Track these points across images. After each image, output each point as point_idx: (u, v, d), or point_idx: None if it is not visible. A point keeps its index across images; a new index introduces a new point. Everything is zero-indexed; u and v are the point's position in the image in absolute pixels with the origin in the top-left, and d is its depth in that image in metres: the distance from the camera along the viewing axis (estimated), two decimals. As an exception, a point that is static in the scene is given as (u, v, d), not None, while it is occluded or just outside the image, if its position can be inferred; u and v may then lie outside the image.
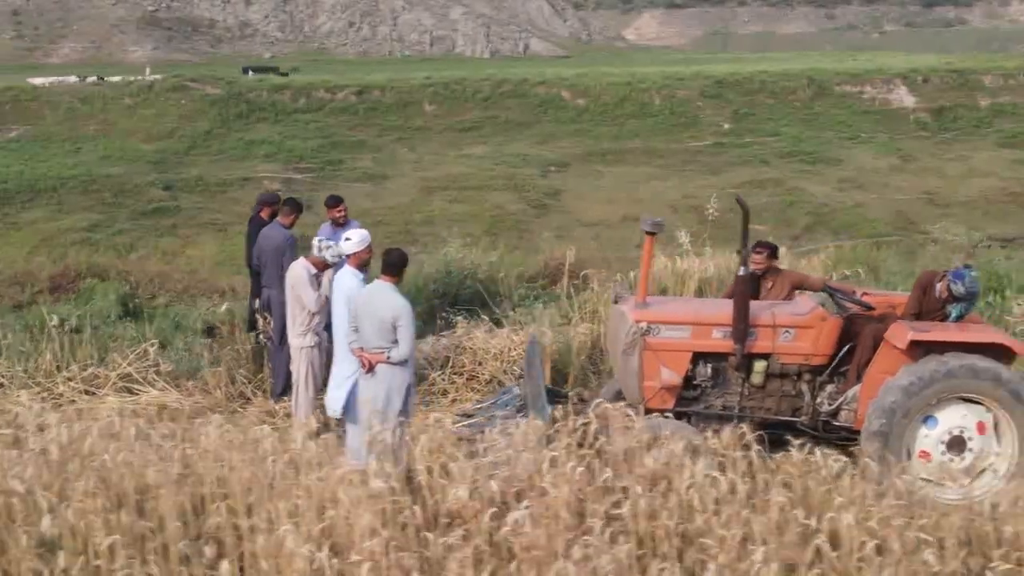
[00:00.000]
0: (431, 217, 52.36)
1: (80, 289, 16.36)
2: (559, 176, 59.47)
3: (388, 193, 56.04)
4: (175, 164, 59.24)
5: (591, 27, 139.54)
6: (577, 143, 64.42)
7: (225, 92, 68.03)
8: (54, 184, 53.75)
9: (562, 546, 7.52)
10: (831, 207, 54.69)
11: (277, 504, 8.17)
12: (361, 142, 63.92)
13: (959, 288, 10.75)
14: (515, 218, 53.29)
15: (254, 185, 56.72)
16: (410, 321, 10.86)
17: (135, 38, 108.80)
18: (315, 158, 60.73)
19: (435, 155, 62.39)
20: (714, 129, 66.88)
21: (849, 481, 8.69)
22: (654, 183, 57.76)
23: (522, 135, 65.79)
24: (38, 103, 66.66)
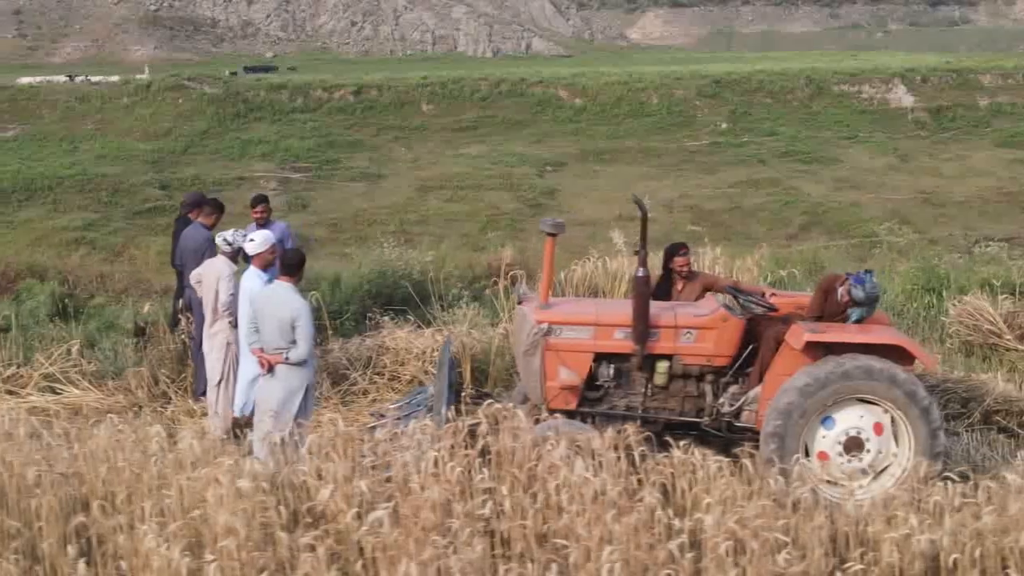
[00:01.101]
0: (426, 216, 52.49)
1: (17, 289, 16.46)
2: (555, 175, 59.54)
3: (384, 192, 56.19)
4: (171, 163, 59.39)
5: (594, 26, 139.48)
6: (574, 142, 64.48)
7: (222, 91, 68.21)
8: (50, 183, 53.96)
9: (414, 547, 7.55)
10: (826, 207, 54.65)
11: (143, 503, 8.22)
12: (358, 141, 64.06)
13: (859, 293, 10.74)
14: (510, 217, 53.34)
15: (250, 184, 56.83)
16: (308, 321, 10.88)
17: (137, 37, 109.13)
18: (312, 158, 60.85)
19: (432, 154, 62.50)
20: (711, 128, 66.91)
21: (723, 481, 8.71)
22: (650, 182, 57.61)
23: (519, 134, 65.86)
24: (35, 102, 66.94)
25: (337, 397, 13.06)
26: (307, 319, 10.91)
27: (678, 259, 12.52)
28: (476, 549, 7.60)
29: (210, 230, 13.68)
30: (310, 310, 10.96)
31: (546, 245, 11.05)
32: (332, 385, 13.26)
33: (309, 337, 10.94)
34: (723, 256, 17.04)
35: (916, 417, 10.35)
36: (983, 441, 12.43)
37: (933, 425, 10.36)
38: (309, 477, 8.59)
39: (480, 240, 48.44)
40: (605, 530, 7.91)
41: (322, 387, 13.06)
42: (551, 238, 11.03)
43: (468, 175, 58.23)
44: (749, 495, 8.64)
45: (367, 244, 33.82)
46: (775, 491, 8.85)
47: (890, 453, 10.55)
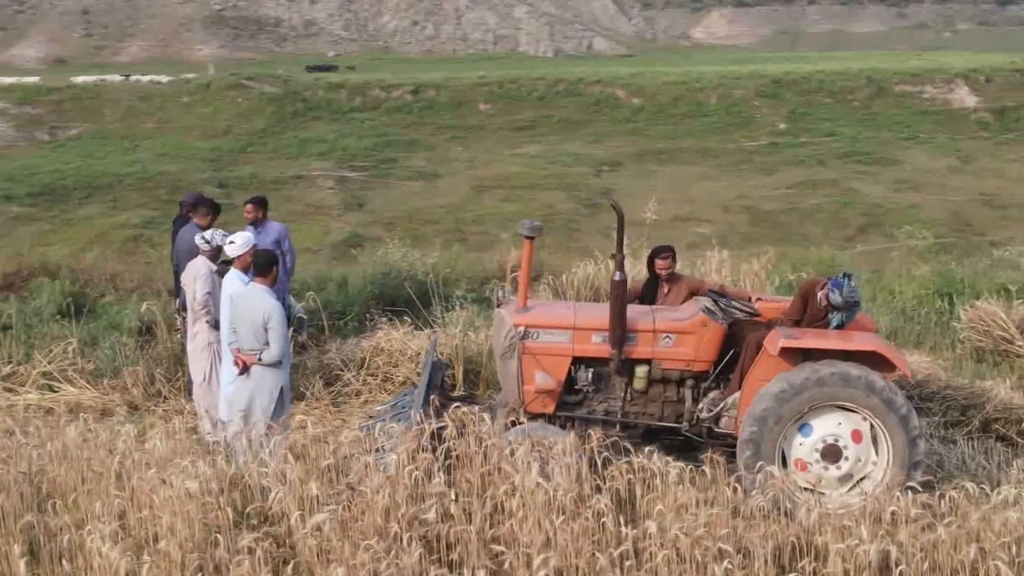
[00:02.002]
0: (481, 216, 52.52)
1: (30, 287, 16.64)
2: (612, 175, 59.34)
3: (440, 192, 56.27)
4: (230, 162, 59.91)
5: (656, 26, 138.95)
6: (631, 142, 64.25)
7: (282, 90, 68.68)
8: (111, 181, 54.64)
9: (349, 551, 7.55)
10: (885, 208, 53.99)
11: (95, 503, 8.29)
12: (415, 141, 64.23)
13: (836, 297, 10.57)
14: (565, 217, 53.24)
15: (307, 183, 57.36)
16: (280, 323, 10.90)
17: (201, 36, 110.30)
18: (369, 157, 61.11)
19: (488, 154, 62.54)
20: (769, 129, 66.42)
21: (680, 489, 8.62)
22: (707, 183, 57.48)
23: (576, 134, 65.75)
24: (98, 101, 67.76)
25: (329, 397, 13.08)
26: (279, 321, 10.93)
27: (659, 262, 12.40)
28: (413, 554, 7.57)
29: (204, 230, 13.72)
30: (283, 312, 10.96)
31: (524, 248, 10.99)
32: (325, 386, 13.29)
33: (281, 339, 10.96)
34: (730, 259, 16.86)
35: (894, 425, 10.17)
36: (980, 449, 12.19)
37: (912, 434, 10.17)
38: (263, 479, 8.60)
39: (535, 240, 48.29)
40: (548, 536, 7.85)
41: (314, 387, 13.09)
42: (529, 241, 10.97)
43: (524, 175, 58.18)
44: (705, 502, 8.53)
45: (421, 244, 33.91)
46: (732, 499, 8.74)
47: (869, 461, 10.37)
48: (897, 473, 10.17)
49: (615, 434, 11.08)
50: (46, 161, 58.85)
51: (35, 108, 67.08)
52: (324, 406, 12.84)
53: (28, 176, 55.12)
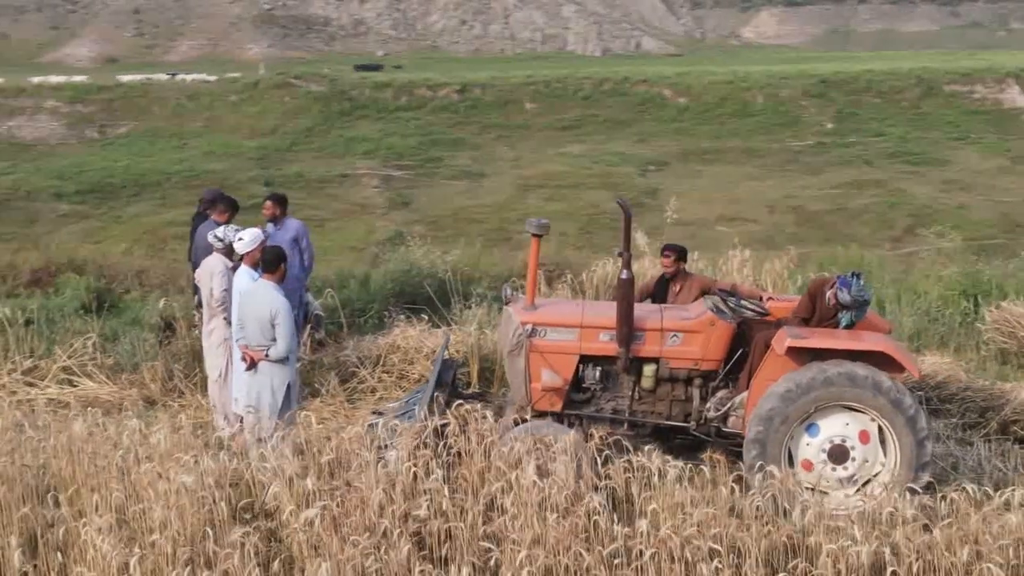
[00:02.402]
0: (526, 215, 52.32)
1: (56, 283, 16.83)
2: (657, 175, 59.10)
3: (485, 191, 56.27)
4: (276, 160, 60.16)
5: (705, 25, 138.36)
6: (677, 142, 63.96)
7: (328, 89, 68.94)
8: (159, 179, 55.04)
9: (336, 546, 7.58)
10: (933, 209, 53.44)
11: (92, 497, 8.37)
12: (460, 140, 64.28)
13: (844, 296, 10.50)
14: (610, 217, 53.01)
15: (353, 182, 57.55)
16: (287, 319, 10.97)
17: (251, 36, 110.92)
18: (414, 155, 61.18)
19: (534, 153, 62.44)
20: (816, 129, 65.90)
21: (678, 488, 8.59)
22: (753, 183, 57.11)
23: (621, 133, 65.54)
24: (147, 99, 68.26)
25: (344, 394, 13.12)
26: (286, 317, 10.99)
27: (662, 259, 12.43)
28: (402, 550, 7.59)
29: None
30: (290, 308, 11.02)
31: (532, 246, 10.99)
32: (340, 382, 13.34)
33: (288, 335, 11.02)
34: (752, 258, 16.78)
35: (902, 426, 10.10)
36: (996, 452, 12.07)
37: (920, 435, 10.09)
38: (261, 474, 8.66)
39: (579, 239, 48.46)
40: (538, 534, 7.85)
41: (330, 384, 13.15)
42: (536, 239, 10.97)
43: (569, 174, 58.04)
44: (701, 502, 8.50)
45: (465, 242, 33.87)
46: (730, 499, 8.71)
47: (877, 462, 10.30)
48: (905, 474, 10.09)
49: (623, 432, 11.12)
50: (95, 159, 59.36)
51: (85, 106, 67.68)
52: (338, 402, 12.88)
53: (77, 174, 55.64)
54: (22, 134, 65.60)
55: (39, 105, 67.68)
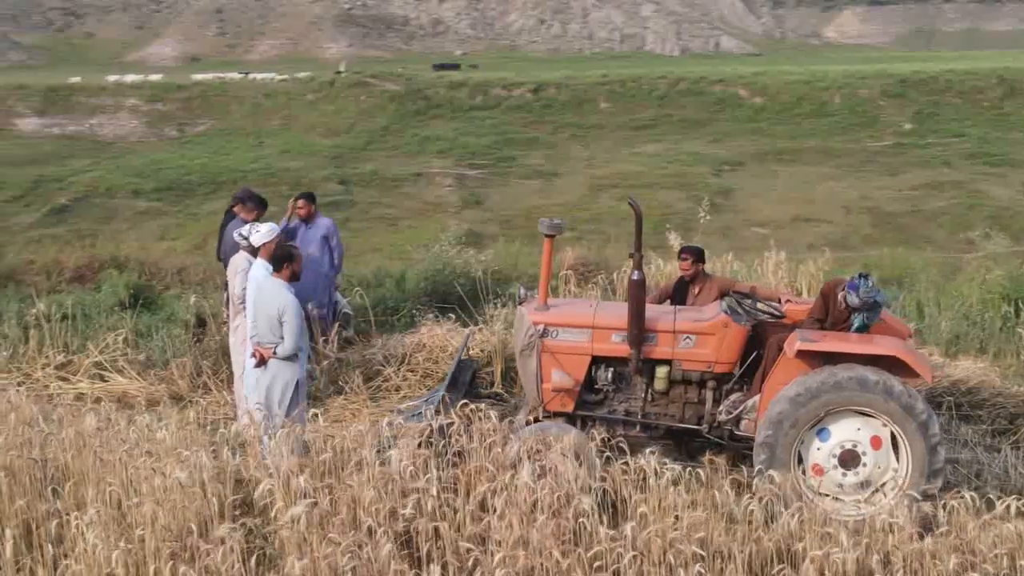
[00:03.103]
0: (598, 215, 52.38)
1: (98, 279, 17.05)
2: (732, 175, 58.77)
3: (557, 190, 56.27)
4: (351, 159, 60.65)
5: (786, 25, 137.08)
6: (752, 142, 63.55)
7: (404, 89, 69.33)
8: (235, 177, 55.56)
9: (317, 543, 7.62)
10: (1013, 211, 52.59)
11: (89, 490, 8.49)
12: (534, 139, 64.36)
13: (853, 299, 10.36)
14: (682, 217, 52.71)
15: (426, 181, 57.83)
16: (295, 317, 10.99)
17: (331, 35, 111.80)
18: (488, 154, 61.37)
19: (607, 153, 62.37)
20: (894, 129, 65.13)
21: (672, 491, 8.54)
22: (829, 183, 56.56)
23: (696, 133, 65.29)
24: (226, 98, 69.11)
25: (368, 392, 13.17)
26: (293, 315, 10.99)
27: (679, 263, 12.34)
28: (382, 548, 7.62)
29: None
30: (298, 307, 11.04)
31: (544, 246, 10.94)
32: (365, 380, 13.38)
33: (295, 333, 11.03)
34: (787, 260, 16.60)
35: (913, 432, 9.92)
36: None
37: (932, 441, 9.91)
38: (256, 471, 8.73)
39: (650, 239, 48.21)
40: (520, 535, 7.84)
41: (354, 382, 13.20)
42: (549, 239, 10.92)
43: (642, 174, 57.86)
44: (692, 505, 8.45)
45: (536, 242, 33.76)
46: (724, 502, 8.64)
47: (889, 468, 10.14)
48: (916, 481, 9.94)
49: (636, 434, 11.07)
50: (173, 157, 60.22)
51: (165, 105, 68.77)
52: (361, 400, 12.93)
53: (155, 171, 56.50)
54: (103, 132, 66.78)
55: (120, 104, 68.85)
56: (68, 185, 54.54)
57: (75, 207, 51.82)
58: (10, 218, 51.30)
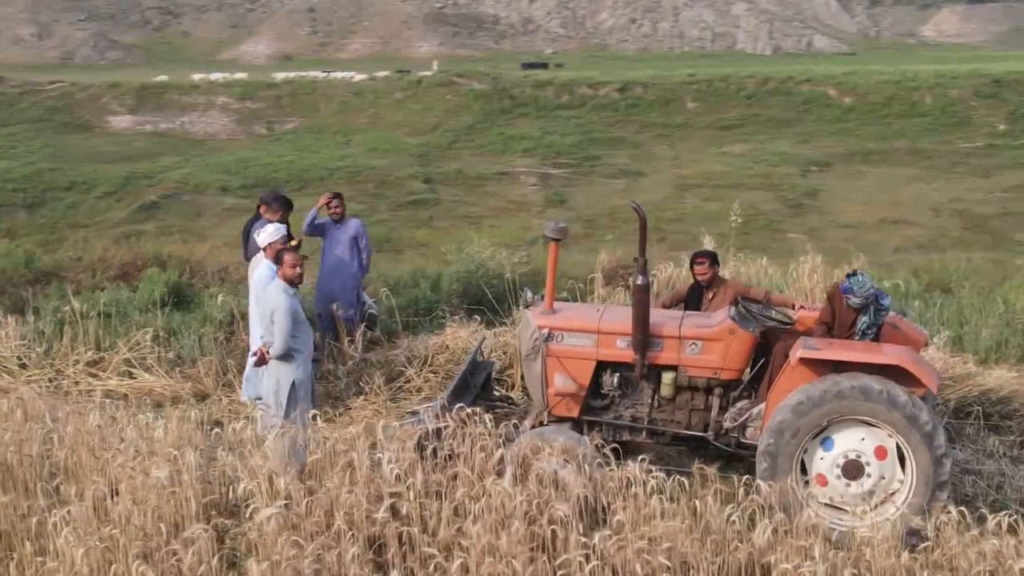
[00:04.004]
0: (682, 215, 52.17)
1: (141, 276, 17.26)
2: (819, 176, 58.12)
3: (642, 190, 55.96)
4: (436, 157, 60.89)
5: (881, 23, 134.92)
6: (841, 142, 62.78)
7: (490, 87, 69.47)
8: (322, 174, 56.14)
9: (281, 545, 7.64)
10: (1110, 215, 51.50)
11: (72, 488, 8.60)
12: (620, 139, 64.16)
13: (854, 300, 10.20)
14: (767, 218, 52.47)
15: (510, 179, 57.90)
16: (284, 318, 10.91)
17: (422, 34, 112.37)
18: (573, 154, 61.28)
19: (693, 152, 62.02)
20: (987, 130, 63.91)
21: (654, 499, 8.45)
22: (918, 185, 55.74)
23: (784, 133, 64.64)
24: (314, 96, 69.73)
25: (388, 393, 13.21)
26: (282, 315, 10.94)
27: (696, 267, 12.19)
28: (347, 552, 7.63)
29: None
30: (289, 308, 11.01)
31: (550, 250, 10.89)
32: (387, 381, 13.42)
33: (283, 334, 10.97)
34: (823, 264, 16.35)
35: (918, 443, 9.71)
36: (1050, 472, 11.56)
37: (937, 452, 9.69)
38: (240, 472, 8.78)
39: (736, 240, 47.86)
40: (487, 543, 7.82)
41: (375, 382, 13.24)
42: (555, 243, 10.86)
43: (728, 174, 57.46)
44: (671, 514, 8.35)
45: (621, 242, 33.71)
46: (706, 512, 8.53)
47: (895, 479, 9.94)
48: (922, 493, 9.74)
49: (642, 440, 10.98)
50: (261, 154, 60.85)
51: (254, 103, 69.54)
52: (381, 401, 12.97)
53: (243, 168, 57.13)
54: (194, 130, 67.71)
55: (211, 101, 69.76)
56: (158, 182, 55.30)
57: (164, 204, 52.53)
58: (101, 214, 52.26)
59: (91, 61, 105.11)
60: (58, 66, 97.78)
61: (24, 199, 53.61)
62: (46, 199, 54.00)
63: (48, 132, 65.15)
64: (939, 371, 13.43)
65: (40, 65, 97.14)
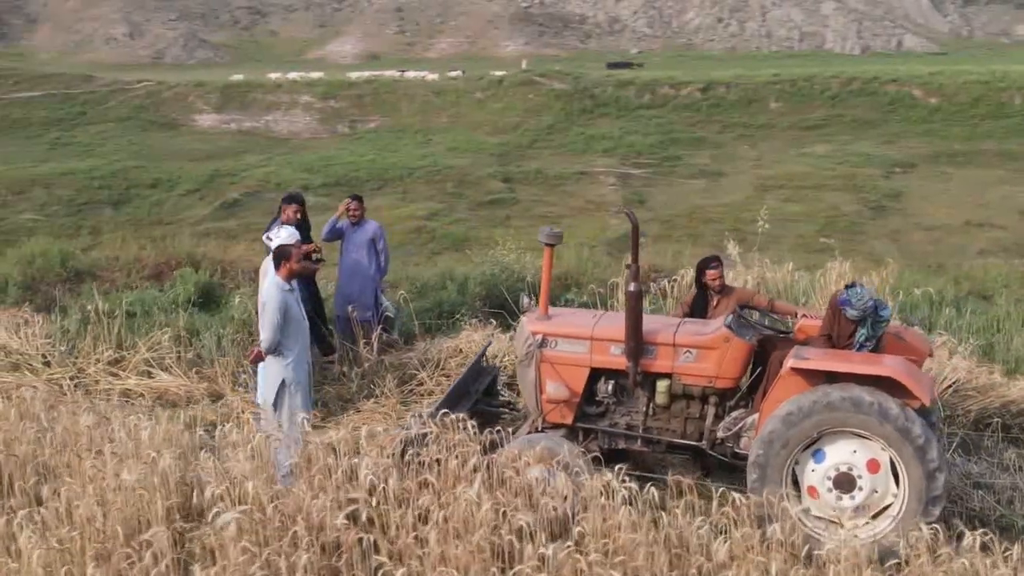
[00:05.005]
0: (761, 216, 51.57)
1: (173, 277, 17.42)
2: (903, 177, 57.33)
3: (722, 190, 55.68)
4: (516, 157, 60.95)
5: (974, 23, 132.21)
6: (926, 143, 61.87)
7: (571, 87, 69.36)
8: (401, 173, 56.52)
9: (233, 551, 7.64)
10: None
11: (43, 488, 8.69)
12: (701, 139, 63.79)
13: (852, 312, 9.96)
14: (849, 219, 51.92)
15: (589, 179, 57.81)
16: (274, 312, 10.89)
17: (508, 33, 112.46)
18: (653, 154, 61.06)
19: (775, 153, 61.47)
20: (1079, 132, 62.64)
21: (624, 511, 8.33)
22: (1005, 187, 54.78)
23: (868, 134, 63.80)
24: (396, 96, 70.08)
25: (399, 396, 13.20)
26: (272, 308, 10.92)
27: (709, 272, 11.95)
28: (300, 558, 7.62)
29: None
30: (279, 303, 10.97)
31: (545, 255, 10.78)
32: (398, 384, 13.42)
33: (268, 328, 10.91)
34: (851, 269, 16.02)
35: (910, 457, 9.46)
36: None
37: (930, 466, 9.44)
38: (211, 475, 8.81)
39: (814, 243, 47.44)
40: (443, 552, 7.77)
41: (386, 385, 13.24)
42: (549, 248, 10.74)
43: (810, 175, 56.90)
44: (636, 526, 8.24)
45: (699, 242, 33.49)
46: (671, 524, 8.40)
47: (889, 493, 9.71)
48: (914, 508, 9.51)
49: (638, 448, 10.85)
50: (343, 153, 61.30)
51: (337, 102, 70.05)
52: (391, 404, 12.98)
53: (325, 167, 57.60)
54: (278, 128, 68.38)
55: (294, 100, 70.38)
56: (240, 179, 55.96)
57: (245, 201, 53.13)
58: (184, 211, 53.04)
59: (181, 60, 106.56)
60: (149, 65, 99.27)
61: (110, 196, 54.55)
62: (131, 196, 54.91)
63: (134, 130, 66.17)
64: (961, 381, 13.20)
65: (131, 64, 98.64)
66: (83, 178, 55.75)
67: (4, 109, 69.28)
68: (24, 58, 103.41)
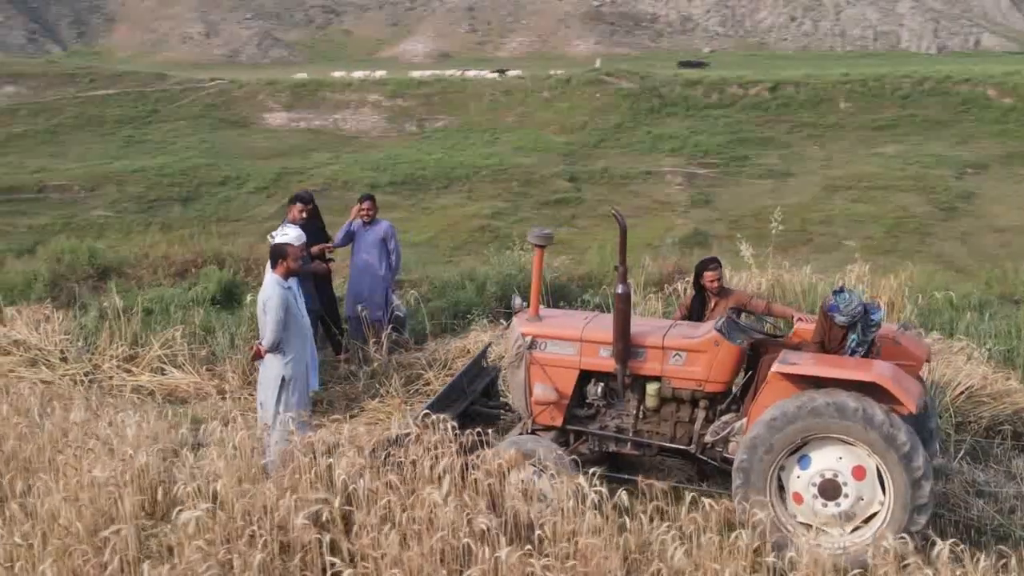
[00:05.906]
0: (830, 217, 51.29)
1: (198, 274, 17.56)
2: (975, 179, 56.46)
3: (789, 191, 55.15)
4: (583, 156, 60.80)
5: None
6: (999, 144, 60.74)
7: (639, 87, 69.02)
8: (468, 172, 56.64)
9: (188, 549, 7.67)
10: None
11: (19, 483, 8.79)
12: (769, 139, 63.17)
13: (841, 318, 9.79)
14: (918, 221, 51.27)
15: (656, 179, 57.58)
16: (275, 311, 10.98)
17: (579, 32, 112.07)
18: (720, 153, 60.60)
19: (844, 153, 60.74)
20: None
21: (590, 515, 8.27)
22: (1081, 190, 53.84)
23: (939, 135, 62.77)
24: (464, 95, 70.15)
25: (405, 395, 13.20)
26: (274, 308, 10.97)
27: (707, 274, 11.84)
28: (254, 557, 7.64)
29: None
30: (280, 302, 11.02)
31: (535, 256, 10.73)
32: (404, 384, 13.42)
33: (271, 327, 10.99)
34: (870, 273, 15.79)
35: (895, 464, 9.31)
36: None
37: (915, 474, 9.27)
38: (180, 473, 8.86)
39: (884, 243, 46.90)
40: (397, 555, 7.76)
41: (392, 385, 13.25)
42: (540, 249, 10.69)
43: (879, 175, 56.19)
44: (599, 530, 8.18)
45: (764, 243, 33.08)
46: (638, 530, 8.33)
47: (875, 501, 9.56)
48: (900, 516, 9.35)
49: (628, 451, 10.77)
50: (410, 152, 61.47)
51: (405, 100, 70.24)
52: (396, 404, 12.98)
53: (392, 165, 57.84)
54: (346, 127, 68.70)
55: (363, 99, 70.67)
56: (309, 177, 56.23)
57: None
58: (252, 208, 53.55)
59: (255, 59, 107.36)
60: (224, 64, 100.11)
61: (180, 194, 55.21)
62: (200, 194, 55.53)
63: (205, 128, 66.78)
64: (975, 387, 12.96)
65: (207, 63, 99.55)
66: (154, 175, 56.46)
67: (80, 107, 70.15)
68: (102, 57, 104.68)
